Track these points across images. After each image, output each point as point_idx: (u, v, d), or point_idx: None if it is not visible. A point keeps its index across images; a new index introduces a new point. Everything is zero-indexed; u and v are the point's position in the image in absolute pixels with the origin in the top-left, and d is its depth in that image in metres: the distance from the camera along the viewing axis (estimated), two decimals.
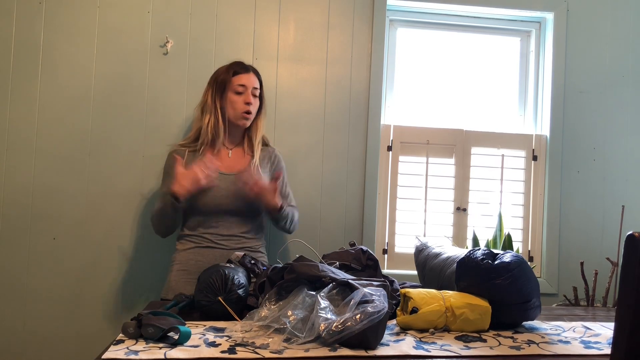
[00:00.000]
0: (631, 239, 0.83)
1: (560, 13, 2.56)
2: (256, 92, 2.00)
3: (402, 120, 2.57)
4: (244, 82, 1.97)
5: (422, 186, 2.52)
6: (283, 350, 1.15)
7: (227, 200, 1.91)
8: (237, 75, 1.98)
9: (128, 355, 1.11)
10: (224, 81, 1.97)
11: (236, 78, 1.97)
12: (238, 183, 1.88)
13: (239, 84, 1.96)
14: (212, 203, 1.90)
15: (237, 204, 1.92)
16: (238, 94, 1.96)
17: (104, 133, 2.30)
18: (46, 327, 2.26)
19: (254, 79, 2.01)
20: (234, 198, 1.91)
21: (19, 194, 2.25)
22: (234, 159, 2.01)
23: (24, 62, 2.27)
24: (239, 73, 1.98)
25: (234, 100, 1.96)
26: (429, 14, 2.58)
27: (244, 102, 1.96)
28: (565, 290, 2.46)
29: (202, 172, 1.82)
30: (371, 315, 1.17)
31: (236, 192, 1.91)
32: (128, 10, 2.33)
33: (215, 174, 1.86)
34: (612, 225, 2.51)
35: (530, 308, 1.43)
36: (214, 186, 1.88)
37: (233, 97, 1.96)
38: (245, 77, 1.98)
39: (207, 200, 1.90)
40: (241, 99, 1.96)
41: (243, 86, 1.97)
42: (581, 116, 2.56)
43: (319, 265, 1.40)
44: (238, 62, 2.03)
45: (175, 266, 1.96)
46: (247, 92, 1.97)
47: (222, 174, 1.94)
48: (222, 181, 1.92)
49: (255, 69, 2.04)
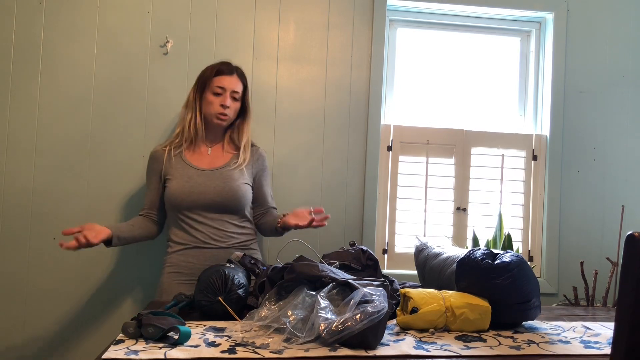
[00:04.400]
0: (631, 239, 0.83)
1: (560, 13, 2.56)
2: (236, 95, 1.98)
3: (402, 120, 2.57)
4: (224, 84, 1.96)
5: (422, 186, 2.52)
6: (283, 350, 1.15)
7: (206, 195, 1.91)
8: (219, 77, 1.97)
9: (128, 355, 1.11)
10: (205, 80, 1.97)
11: (217, 79, 1.96)
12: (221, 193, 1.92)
13: (218, 85, 1.95)
14: (190, 199, 1.91)
15: (216, 199, 1.92)
16: (216, 95, 1.96)
17: (104, 133, 2.30)
18: (46, 327, 2.26)
19: (236, 83, 1.98)
20: (213, 194, 1.91)
21: (19, 194, 2.26)
22: (213, 155, 2.01)
23: (24, 62, 2.27)
24: (221, 74, 1.97)
25: (210, 101, 1.96)
26: (429, 14, 2.58)
27: (220, 103, 1.95)
28: (565, 290, 2.46)
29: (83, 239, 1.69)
30: (371, 315, 1.17)
31: (215, 188, 1.92)
32: (128, 10, 2.33)
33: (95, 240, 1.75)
34: (612, 225, 2.51)
35: (530, 308, 1.42)
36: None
37: (210, 97, 1.96)
38: (226, 79, 1.97)
39: (185, 197, 1.90)
40: (218, 100, 1.95)
41: (222, 88, 1.96)
42: (581, 116, 2.57)
43: (318, 265, 1.40)
44: (225, 62, 2.02)
45: (166, 268, 1.96)
46: (226, 94, 1.95)
47: (201, 170, 1.95)
48: (200, 177, 1.93)
49: (241, 72, 2.03)
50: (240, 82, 2.01)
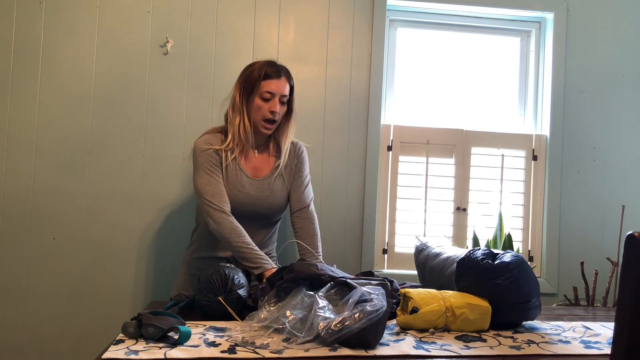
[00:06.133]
0: (631, 239, 0.83)
1: (560, 13, 2.56)
2: (284, 99, 1.86)
3: (402, 120, 2.57)
4: (272, 89, 1.82)
5: (422, 186, 2.52)
6: (283, 350, 1.15)
7: (255, 208, 1.85)
8: (267, 80, 1.82)
9: (128, 355, 1.10)
10: (253, 83, 1.83)
11: (266, 83, 1.82)
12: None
13: (267, 90, 1.82)
14: (241, 210, 1.81)
15: (262, 212, 1.86)
16: (265, 100, 1.82)
17: (104, 133, 2.30)
18: (46, 327, 2.26)
19: (284, 86, 1.85)
20: (261, 207, 1.85)
21: (19, 194, 2.26)
22: (260, 159, 1.91)
23: (24, 62, 2.27)
24: (269, 77, 1.83)
25: (259, 106, 1.82)
26: (429, 14, 2.58)
27: (269, 109, 1.82)
28: (565, 290, 2.45)
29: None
30: (370, 314, 1.17)
31: (265, 200, 1.85)
32: (128, 10, 2.33)
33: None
34: (612, 225, 2.51)
35: (530, 308, 1.42)
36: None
37: (259, 102, 1.82)
38: (275, 84, 1.83)
39: (236, 207, 1.80)
40: (267, 106, 1.82)
41: (271, 93, 1.82)
42: (581, 116, 2.56)
43: (317, 264, 1.40)
44: (272, 63, 1.88)
45: (188, 269, 1.92)
46: (275, 99, 1.82)
47: (253, 179, 1.87)
48: (252, 187, 1.86)
49: (288, 73, 1.89)
50: (288, 84, 1.87)
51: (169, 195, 2.33)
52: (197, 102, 2.35)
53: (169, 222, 2.32)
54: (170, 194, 2.33)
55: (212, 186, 1.78)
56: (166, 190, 2.33)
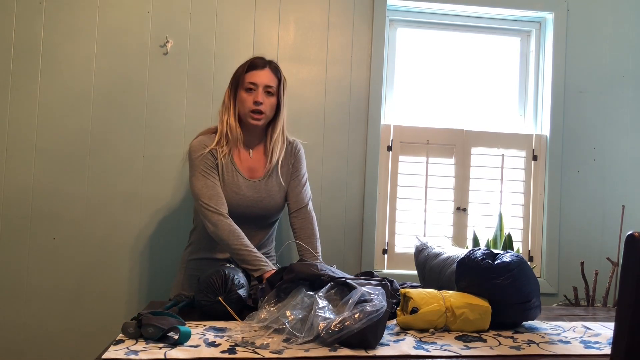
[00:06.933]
0: (631, 239, 0.83)
1: (560, 13, 2.56)
2: (271, 90, 1.83)
3: (402, 120, 2.57)
4: (255, 79, 1.82)
5: (422, 186, 2.52)
6: (283, 351, 1.15)
7: (252, 210, 1.84)
8: (250, 72, 1.83)
9: (128, 355, 1.10)
10: (238, 77, 1.85)
11: (249, 74, 1.83)
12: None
13: (250, 81, 1.82)
14: (237, 212, 1.79)
15: (260, 213, 1.86)
16: (248, 92, 1.82)
17: (104, 133, 2.30)
18: (46, 326, 2.26)
19: (268, 76, 1.84)
20: (258, 208, 1.84)
21: (19, 194, 2.26)
22: (255, 159, 1.89)
23: (24, 62, 2.27)
24: (253, 69, 1.83)
25: (243, 99, 1.82)
26: (429, 14, 2.58)
27: (253, 100, 1.81)
28: (565, 290, 2.45)
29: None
30: (370, 314, 1.17)
31: (261, 202, 1.84)
32: (128, 10, 2.33)
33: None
34: (612, 225, 2.51)
35: (530, 308, 1.42)
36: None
37: (243, 94, 1.82)
38: (257, 74, 1.82)
39: (233, 209, 1.79)
40: (251, 98, 1.81)
41: (254, 84, 1.82)
42: (581, 116, 2.56)
43: (317, 265, 1.40)
44: (257, 57, 1.89)
45: (187, 270, 1.92)
46: (258, 90, 1.81)
47: (248, 180, 1.85)
48: (248, 189, 1.84)
49: (275, 66, 1.88)
50: (274, 76, 1.86)
51: (169, 195, 2.33)
52: (197, 102, 2.35)
53: (169, 221, 2.33)
54: (170, 194, 2.33)
55: (208, 188, 1.77)
56: (166, 190, 2.33)
